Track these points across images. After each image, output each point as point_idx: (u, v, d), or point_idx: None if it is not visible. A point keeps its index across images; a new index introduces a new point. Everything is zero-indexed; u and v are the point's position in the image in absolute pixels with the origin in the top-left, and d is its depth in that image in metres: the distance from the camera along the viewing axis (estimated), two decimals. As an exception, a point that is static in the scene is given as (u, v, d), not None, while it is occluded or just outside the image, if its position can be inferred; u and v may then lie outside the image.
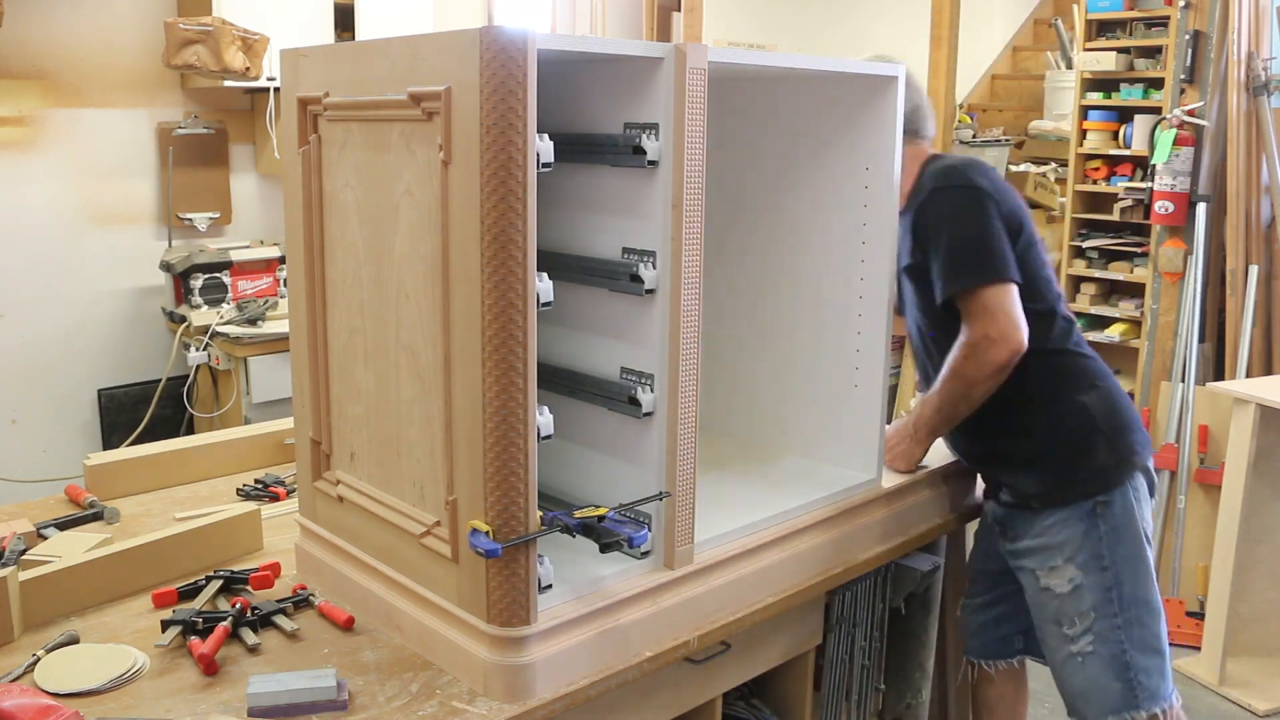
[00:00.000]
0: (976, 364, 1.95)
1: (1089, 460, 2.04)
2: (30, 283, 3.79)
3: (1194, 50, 3.97)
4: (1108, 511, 2.02)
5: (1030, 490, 2.09)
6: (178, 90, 4.04)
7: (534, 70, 1.34)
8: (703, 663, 1.73)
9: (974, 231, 1.97)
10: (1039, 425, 2.07)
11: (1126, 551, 2.02)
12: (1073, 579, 2.03)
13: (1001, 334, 1.93)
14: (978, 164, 2.08)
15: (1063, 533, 2.04)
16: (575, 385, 1.74)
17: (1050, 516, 2.05)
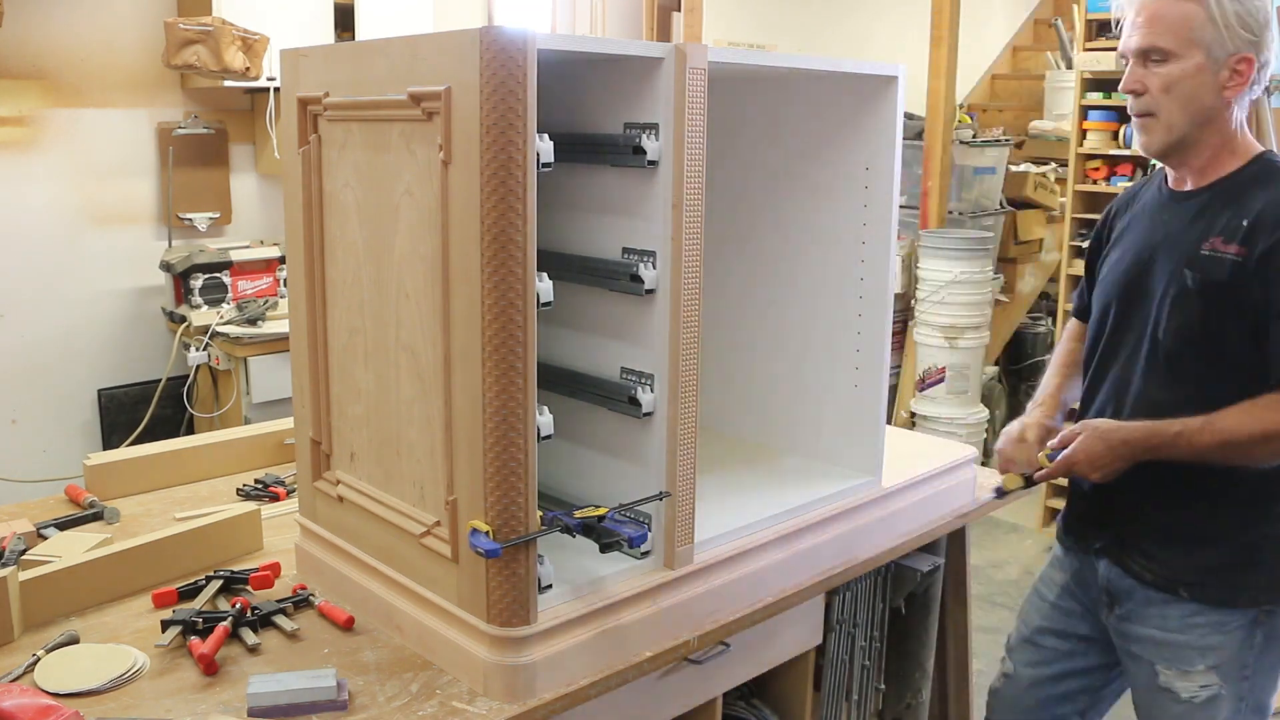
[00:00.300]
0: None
1: (1268, 569, 1.75)
2: (30, 283, 3.79)
3: (1194, 50, 3.97)
4: (1269, 620, 1.76)
5: (1187, 577, 1.77)
6: (178, 90, 4.04)
7: (534, 70, 1.34)
8: (703, 663, 1.73)
9: None
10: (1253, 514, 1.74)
11: (1270, 661, 1.79)
12: (1208, 686, 1.77)
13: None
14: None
15: (1214, 637, 1.76)
16: (575, 385, 1.74)
17: (1203, 615, 1.76)
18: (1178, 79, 1.66)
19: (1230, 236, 1.66)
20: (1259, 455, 1.67)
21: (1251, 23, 1.64)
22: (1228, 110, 1.68)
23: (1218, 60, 1.65)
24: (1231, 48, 1.64)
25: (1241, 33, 1.63)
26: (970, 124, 6.01)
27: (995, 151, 5.76)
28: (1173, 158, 1.76)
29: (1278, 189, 1.65)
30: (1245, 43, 1.64)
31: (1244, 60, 1.65)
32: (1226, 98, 1.67)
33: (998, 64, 7.92)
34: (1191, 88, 1.66)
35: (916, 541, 2.09)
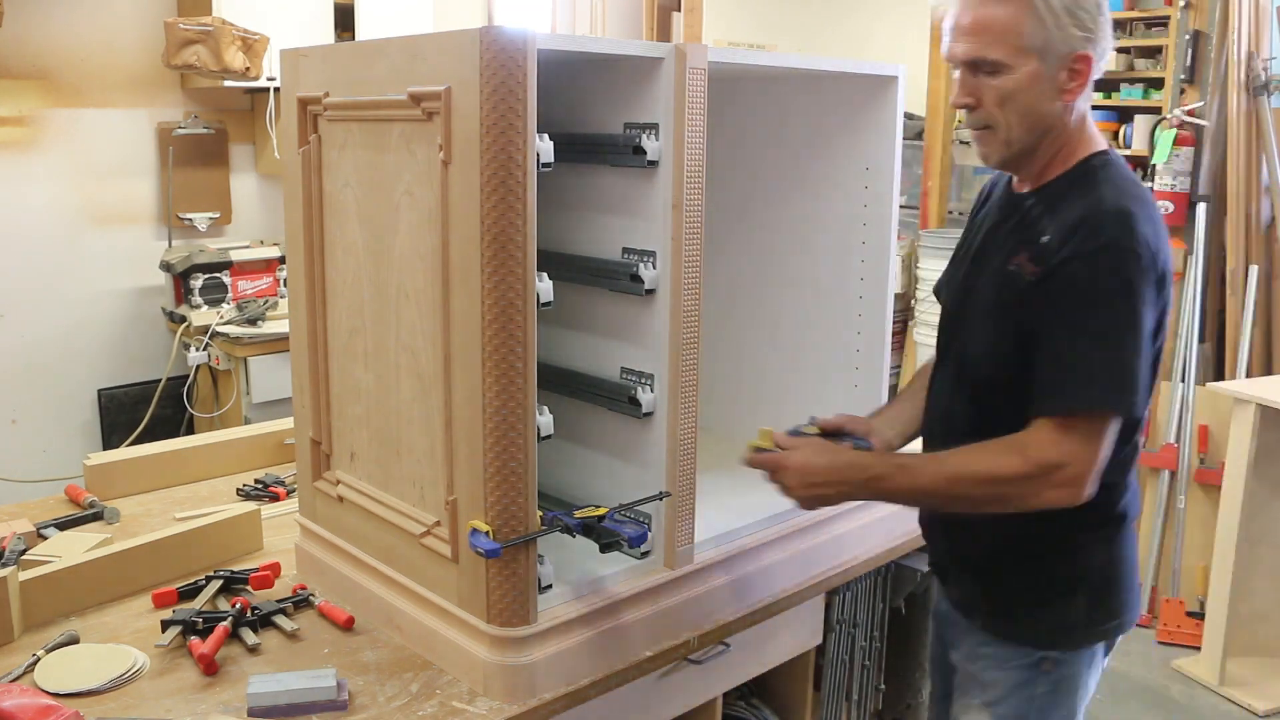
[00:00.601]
0: (1027, 489, 1.43)
1: (1057, 610, 1.59)
2: (30, 283, 3.79)
3: (1194, 50, 3.97)
4: (1056, 670, 1.59)
5: (978, 605, 1.66)
6: (178, 90, 4.04)
7: (534, 70, 1.34)
8: (703, 663, 1.73)
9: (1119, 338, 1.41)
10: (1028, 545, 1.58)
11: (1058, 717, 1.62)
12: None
13: (1079, 477, 1.41)
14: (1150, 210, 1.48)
15: (993, 673, 1.63)
16: (575, 385, 1.74)
17: (989, 646, 1.63)
18: (1012, 91, 1.47)
19: (1032, 254, 1.48)
20: (980, 500, 1.47)
21: (1084, 16, 1.45)
22: (1068, 112, 1.50)
23: (1053, 63, 1.46)
24: (1066, 47, 1.45)
25: (1074, 30, 1.45)
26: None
27: (995, 151, 5.76)
28: (1014, 168, 1.59)
29: (1085, 204, 1.46)
30: (1080, 39, 1.45)
31: (1081, 59, 1.46)
32: (1067, 101, 1.49)
33: (998, 64, 7.90)
34: (1029, 99, 1.47)
35: (916, 541, 2.09)
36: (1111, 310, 1.41)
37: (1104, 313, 1.42)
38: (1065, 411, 1.42)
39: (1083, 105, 1.52)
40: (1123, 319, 1.41)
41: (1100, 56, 1.49)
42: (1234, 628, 3.38)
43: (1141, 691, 3.41)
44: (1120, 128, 4.49)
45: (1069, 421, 1.42)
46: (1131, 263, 1.41)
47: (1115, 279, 1.41)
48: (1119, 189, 1.48)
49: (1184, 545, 3.84)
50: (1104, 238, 1.42)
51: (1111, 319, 1.41)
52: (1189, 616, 3.74)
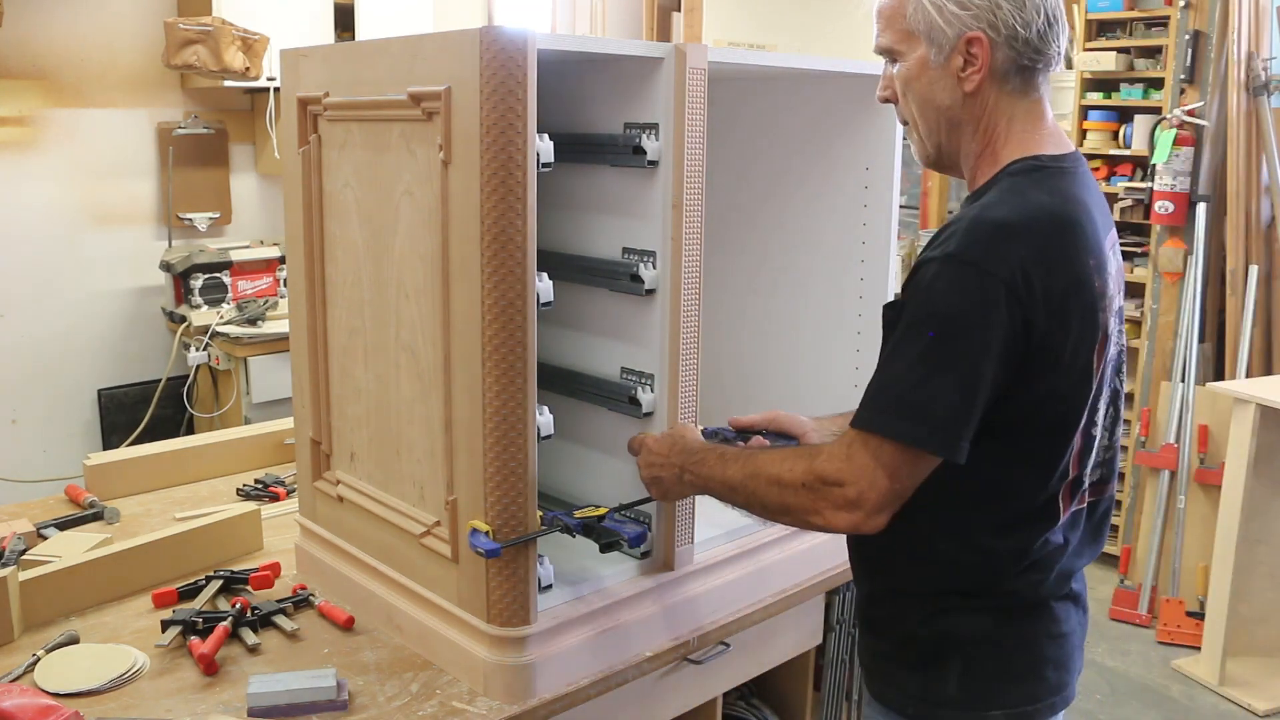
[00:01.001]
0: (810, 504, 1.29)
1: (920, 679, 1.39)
2: (30, 283, 3.79)
3: (1194, 50, 3.97)
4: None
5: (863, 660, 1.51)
6: (178, 90, 4.04)
7: (534, 70, 1.34)
8: (703, 663, 1.73)
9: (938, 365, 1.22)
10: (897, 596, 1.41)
11: None
12: None
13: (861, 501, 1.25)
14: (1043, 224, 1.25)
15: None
16: (575, 385, 1.74)
17: (872, 707, 1.47)
18: (907, 79, 1.35)
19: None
20: (771, 505, 1.35)
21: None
22: (978, 106, 1.32)
23: (943, 47, 1.30)
24: (953, 29, 1.29)
25: (955, 9, 1.28)
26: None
27: (995, 151, 5.76)
28: (945, 171, 1.42)
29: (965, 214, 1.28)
30: (967, 19, 1.28)
31: (972, 40, 1.28)
32: (967, 89, 1.31)
33: (998, 64, 7.91)
34: (921, 87, 1.33)
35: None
36: (940, 331, 1.22)
37: (930, 332, 1.23)
38: (863, 427, 1.26)
39: (1007, 101, 1.32)
40: (949, 345, 1.22)
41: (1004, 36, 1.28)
42: (1234, 628, 3.38)
43: (1141, 691, 3.41)
44: (1120, 128, 4.49)
45: (865, 439, 1.25)
46: (975, 281, 1.20)
47: (954, 297, 1.22)
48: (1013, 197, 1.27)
49: (1184, 545, 3.84)
50: (954, 246, 1.22)
51: (937, 343, 1.22)
52: (1189, 616, 3.74)
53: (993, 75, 1.31)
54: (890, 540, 1.30)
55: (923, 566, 1.36)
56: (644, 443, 1.53)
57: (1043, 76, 1.34)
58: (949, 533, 1.33)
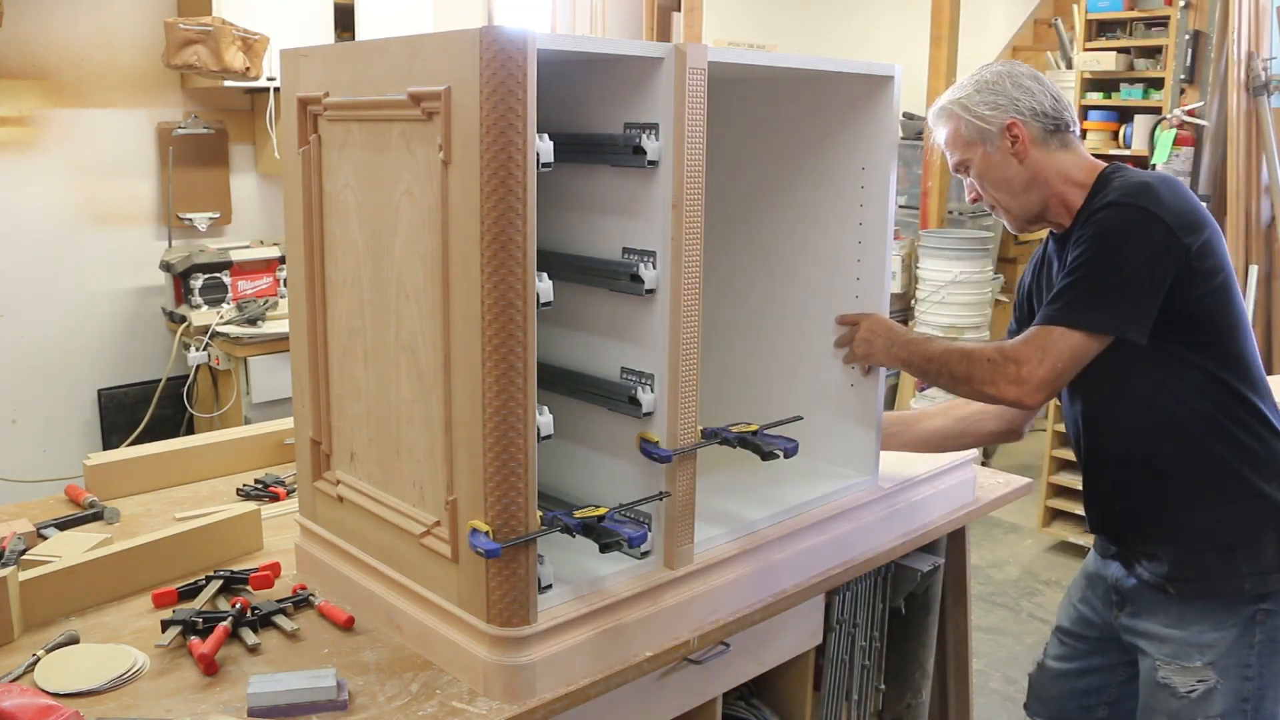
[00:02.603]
0: (986, 375, 1.73)
1: (1255, 556, 1.76)
2: (30, 283, 3.79)
3: (1194, 50, 3.98)
4: (1269, 621, 1.77)
5: (1175, 573, 1.82)
6: (178, 90, 4.04)
7: (534, 70, 1.34)
8: (703, 663, 1.73)
9: (1131, 267, 1.66)
10: (1209, 504, 1.78)
11: (1278, 665, 1.79)
12: (1205, 681, 1.79)
13: (1027, 379, 1.69)
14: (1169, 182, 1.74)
15: (1211, 634, 1.79)
16: (575, 385, 1.74)
17: (1196, 611, 1.80)
18: (981, 174, 1.84)
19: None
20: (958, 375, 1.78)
21: (992, 98, 1.80)
22: (1034, 167, 1.81)
23: (993, 142, 1.81)
24: (994, 127, 1.80)
25: (988, 113, 1.80)
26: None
27: (995, 151, 5.76)
28: (1040, 224, 1.89)
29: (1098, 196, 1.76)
30: (999, 116, 1.80)
31: (1010, 126, 1.80)
32: (1023, 159, 1.81)
33: (998, 64, 7.90)
34: (995, 175, 1.83)
35: (916, 541, 2.09)
36: (1112, 253, 1.67)
37: (1104, 254, 1.67)
38: (1046, 321, 1.70)
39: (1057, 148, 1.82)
40: (1120, 260, 1.66)
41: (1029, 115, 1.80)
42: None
43: (1141, 691, 3.41)
44: (1120, 128, 4.50)
45: (1042, 331, 1.70)
46: (1140, 215, 1.67)
47: (1125, 227, 1.67)
48: (1137, 175, 1.76)
49: (1184, 545, 3.83)
50: (1116, 198, 1.70)
51: (1106, 260, 1.67)
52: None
53: (1034, 143, 1.81)
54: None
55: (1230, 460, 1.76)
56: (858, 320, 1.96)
57: (1070, 131, 1.84)
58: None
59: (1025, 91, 1.81)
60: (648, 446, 1.62)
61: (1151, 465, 1.82)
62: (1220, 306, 1.74)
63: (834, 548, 1.91)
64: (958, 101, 1.84)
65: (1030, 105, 1.80)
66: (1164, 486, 1.82)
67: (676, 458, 1.61)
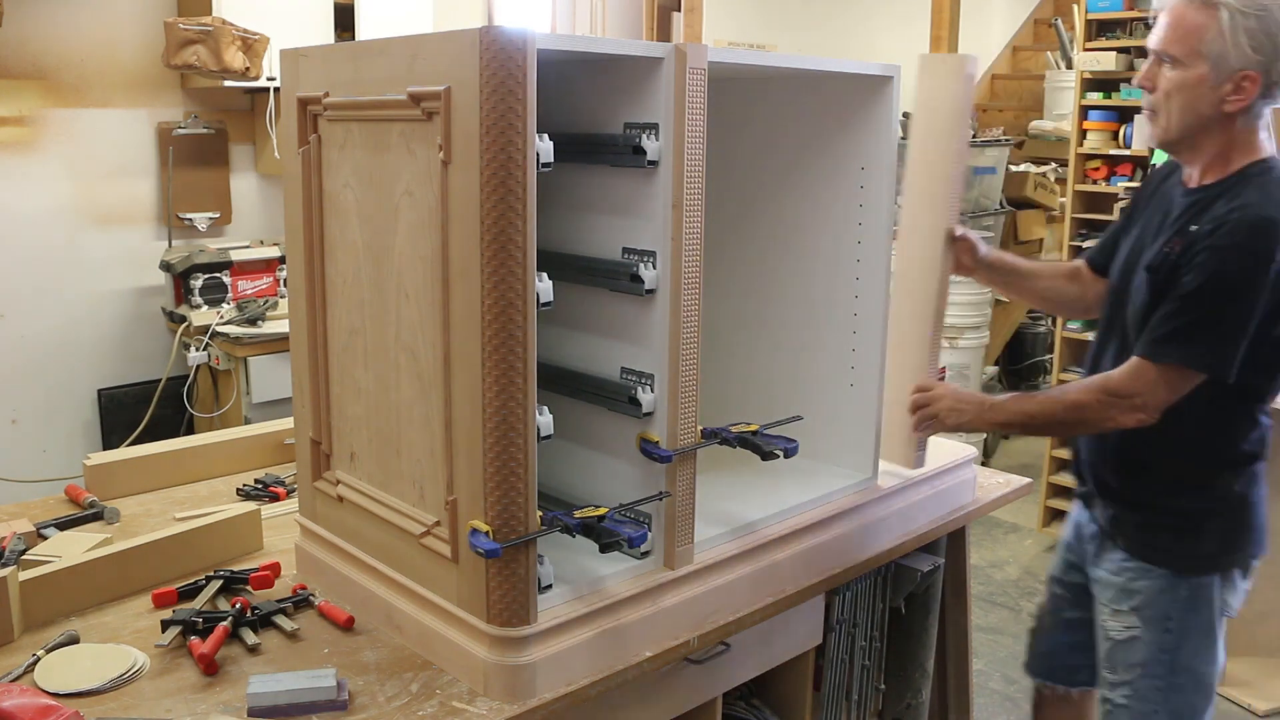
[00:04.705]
0: (1103, 414, 1.78)
1: (1197, 540, 1.87)
2: (30, 283, 3.79)
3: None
4: (1193, 579, 1.88)
5: (1126, 530, 1.93)
6: (178, 90, 4.04)
7: (534, 70, 1.34)
8: (703, 663, 1.73)
9: (1217, 315, 1.70)
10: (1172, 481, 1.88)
11: (1199, 623, 1.88)
12: (1131, 628, 1.91)
13: (1146, 406, 1.74)
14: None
15: (1140, 582, 1.90)
16: (575, 385, 1.74)
17: (1132, 562, 1.91)
18: (1178, 86, 1.72)
19: (1183, 237, 1.75)
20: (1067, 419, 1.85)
21: (1264, 42, 1.66)
22: (1229, 121, 1.73)
23: (1221, 73, 1.69)
24: (1237, 64, 1.67)
25: (1250, 52, 1.66)
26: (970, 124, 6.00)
27: (995, 151, 5.77)
28: (1173, 153, 1.86)
29: (1235, 204, 1.70)
30: (1253, 61, 1.67)
31: (1248, 78, 1.68)
32: (1226, 110, 1.71)
33: (998, 64, 7.92)
34: (1190, 98, 1.72)
35: (916, 541, 2.09)
36: (1220, 295, 1.68)
37: (1212, 296, 1.68)
38: (1150, 356, 1.73)
39: (1256, 119, 1.75)
40: (1228, 303, 1.68)
41: (1274, 79, 1.69)
42: (1234, 628, 3.35)
43: (1141, 691, 3.40)
44: (1120, 128, 4.49)
45: (1151, 366, 1.73)
46: (1253, 264, 1.67)
47: (1236, 272, 1.67)
48: (1268, 196, 1.70)
49: (1184, 545, 3.83)
50: (1239, 238, 1.67)
51: (1216, 301, 1.69)
52: (1189, 616, 3.74)
53: (1249, 103, 1.70)
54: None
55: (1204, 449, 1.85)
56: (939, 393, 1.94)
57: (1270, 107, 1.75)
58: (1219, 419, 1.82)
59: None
60: (648, 446, 1.62)
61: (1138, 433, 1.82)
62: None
63: (834, 548, 1.91)
64: (1233, 12, 1.67)
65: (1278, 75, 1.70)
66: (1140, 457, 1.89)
67: (676, 458, 1.61)
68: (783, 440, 1.75)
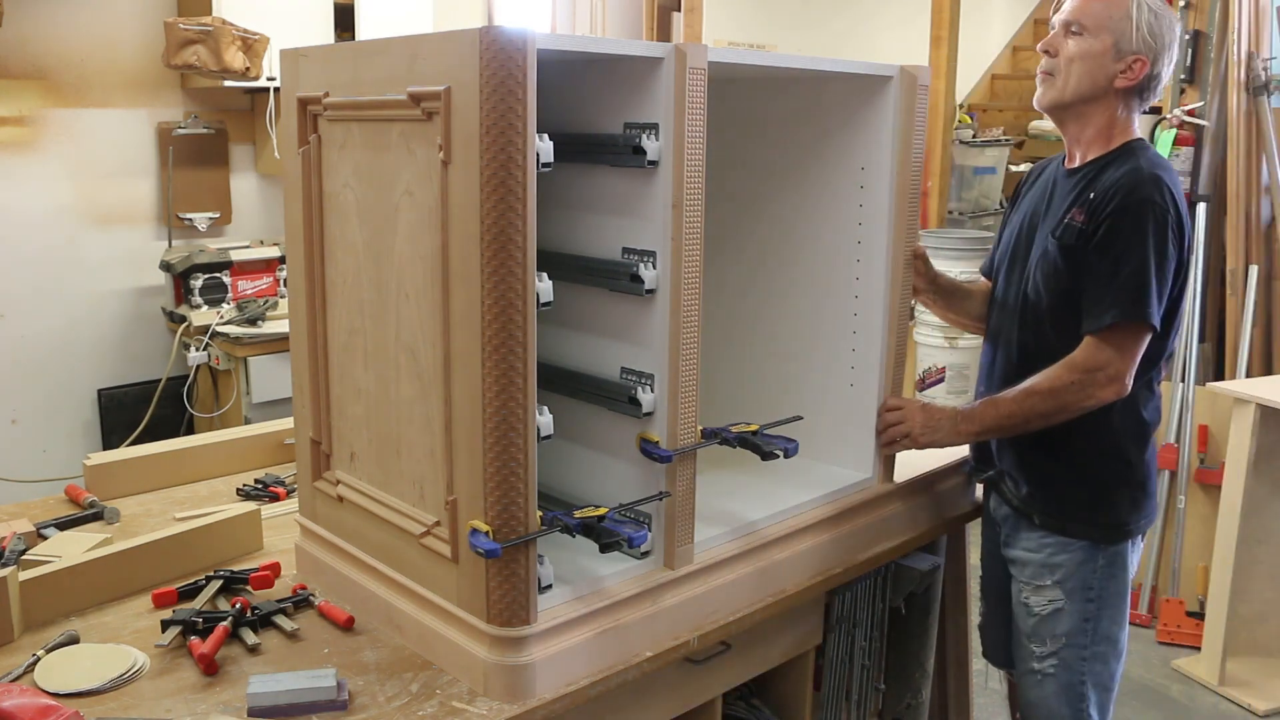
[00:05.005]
0: (1081, 393, 1.85)
1: (1109, 509, 1.98)
2: (30, 283, 3.79)
3: (1194, 50, 3.98)
4: (1110, 548, 1.99)
5: (1042, 507, 2.01)
6: (178, 90, 4.04)
7: (534, 70, 1.34)
8: (703, 663, 1.73)
9: (1156, 263, 1.82)
10: (1082, 455, 1.97)
11: (1115, 589, 2.00)
12: (1054, 601, 2.00)
13: (1118, 375, 1.84)
14: (1177, 182, 1.91)
15: (1060, 556, 1.99)
16: (575, 385, 1.74)
17: (1051, 538, 2.00)
18: (1081, 54, 1.90)
19: (1083, 208, 1.89)
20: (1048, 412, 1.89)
21: (1159, 36, 1.88)
22: (1115, 98, 1.92)
23: (1121, 51, 1.88)
24: (1135, 46, 1.88)
25: (1148, 38, 1.87)
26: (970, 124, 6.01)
27: (995, 151, 5.77)
28: (1058, 119, 1.99)
29: (1124, 170, 1.87)
30: (1147, 48, 1.88)
31: (1139, 60, 1.88)
32: (1117, 86, 1.90)
33: (998, 64, 7.91)
34: (1090, 66, 1.89)
35: (916, 541, 2.09)
36: (1142, 249, 1.81)
37: (1135, 251, 1.82)
38: (1104, 325, 1.83)
39: (1133, 105, 1.94)
40: (1150, 256, 1.81)
41: (1155, 71, 1.91)
42: (1234, 628, 3.38)
43: (1141, 691, 3.41)
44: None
45: (1106, 334, 1.84)
46: (1160, 215, 1.82)
47: (1148, 225, 1.81)
48: (1153, 161, 1.90)
49: (1184, 545, 3.84)
50: (1141, 194, 1.83)
51: (1141, 256, 1.81)
52: (1189, 616, 3.74)
53: (1133, 85, 1.90)
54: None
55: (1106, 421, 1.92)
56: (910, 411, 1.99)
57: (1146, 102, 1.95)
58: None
59: (1174, 55, 1.93)
60: (648, 446, 1.62)
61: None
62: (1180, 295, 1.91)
63: (834, 548, 1.91)
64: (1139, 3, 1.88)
65: (1161, 65, 1.91)
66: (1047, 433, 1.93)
67: (676, 458, 1.61)
68: (783, 440, 1.75)
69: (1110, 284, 1.84)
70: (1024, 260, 2.01)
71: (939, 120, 4.98)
